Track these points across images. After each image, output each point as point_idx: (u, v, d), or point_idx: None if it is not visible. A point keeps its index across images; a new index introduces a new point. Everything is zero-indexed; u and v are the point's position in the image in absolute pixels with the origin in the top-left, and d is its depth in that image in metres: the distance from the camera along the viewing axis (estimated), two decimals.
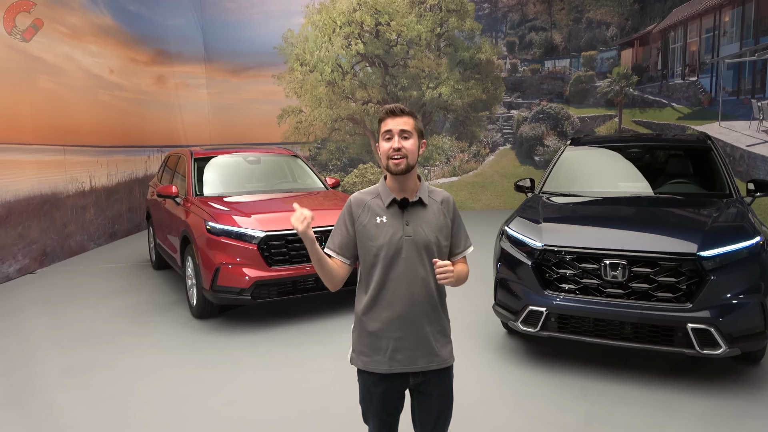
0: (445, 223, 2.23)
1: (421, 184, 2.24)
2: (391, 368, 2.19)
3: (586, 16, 13.02)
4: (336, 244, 2.26)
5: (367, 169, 13.53)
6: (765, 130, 8.78)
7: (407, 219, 2.18)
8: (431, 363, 2.20)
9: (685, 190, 5.04)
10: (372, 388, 2.25)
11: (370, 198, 2.25)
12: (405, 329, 2.18)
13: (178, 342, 4.97)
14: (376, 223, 2.19)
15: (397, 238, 2.16)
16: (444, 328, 2.26)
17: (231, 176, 6.56)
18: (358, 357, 2.27)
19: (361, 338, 2.26)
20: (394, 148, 2.13)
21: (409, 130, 2.15)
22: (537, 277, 4.14)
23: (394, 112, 2.16)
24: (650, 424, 3.40)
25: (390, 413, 2.30)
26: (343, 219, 2.26)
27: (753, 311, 3.71)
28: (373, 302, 2.21)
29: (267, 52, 13.13)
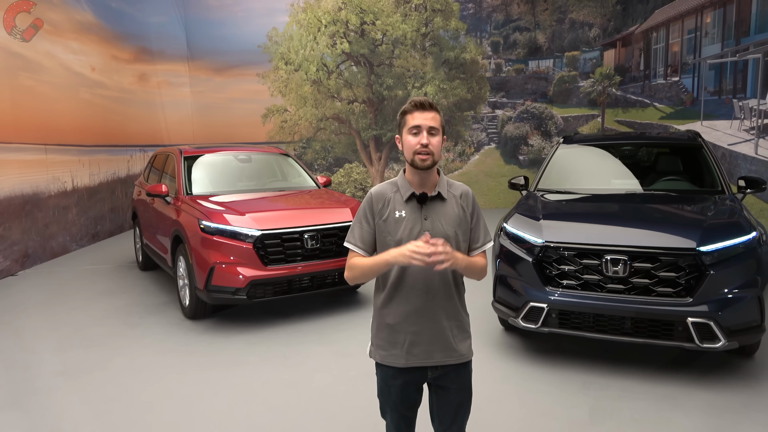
0: (464, 217, 2.21)
1: (440, 178, 2.23)
2: (407, 362, 2.18)
3: (569, 17, 13.16)
4: (357, 238, 2.23)
5: (352, 169, 13.49)
6: (746, 129, 8.98)
7: (426, 213, 2.16)
8: (448, 357, 2.19)
9: (677, 187, 5.12)
10: (390, 381, 2.23)
11: (390, 192, 2.23)
12: (422, 323, 2.16)
13: (173, 343, 4.88)
14: (395, 217, 2.17)
15: (415, 232, 2.14)
16: (462, 323, 2.24)
17: (222, 175, 6.47)
18: (376, 350, 2.26)
19: (379, 332, 2.25)
20: (422, 144, 2.11)
21: (437, 126, 2.13)
22: (538, 273, 4.16)
23: (423, 106, 2.13)
24: (657, 417, 3.44)
25: (408, 407, 2.28)
26: (363, 212, 2.24)
27: (750, 305, 3.78)
28: (390, 296, 2.20)
29: (251, 50, 13.01)
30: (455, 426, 2.28)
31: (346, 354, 4.60)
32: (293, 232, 5.23)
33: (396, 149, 13.44)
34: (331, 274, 5.45)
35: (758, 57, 8.70)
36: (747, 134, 8.94)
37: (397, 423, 2.30)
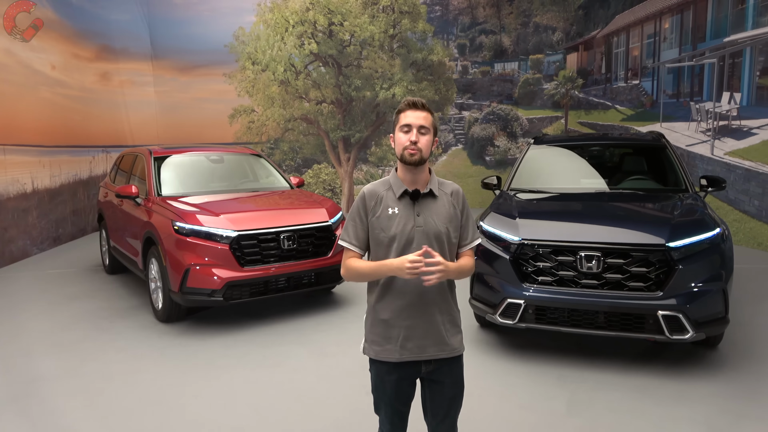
0: (455, 215, 2.27)
1: (431, 176, 2.28)
2: (401, 356, 2.22)
3: (533, 21, 13.44)
4: (351, 236, 2.27)
5: (321, 170, 13.45)
6: (703, 130, 9.35)
7: (418, 210, 2.22)
8: (441, 351, 2.24)
9: (644, 186, 5.31)
10: (385, 376, 2.27)
11: (383, 189, 2.28)
12: (415, 318, 2.21)
13: (147, 347, 4.79)
14: (389, 214, 2.22)
15: (408, 228, 2.19)
16: (454, 318, 2.30)
17: (193, 176, 6.37)
18: (370, 346, 2.29)
19: (373, 327, 2.28)
20: (411, 140, 2.17)
21: (428, 126, 2.20)
22: (515, 270, 4.26)
23: (415, 105, 2.21)
24: (631, 407, 3.57)
25: (402, 401, 2.32)
26: (357, 211, 2.28)
27: (716, 298, 3.96)
28: (384, 291, 2.24)
29: (217, 50, 12.82)
30: (448, 420, 2.32)
31: (326, 354, 4.60)
32: (270, 232, 5.20)
33: (364, 150, 13.48)
34: (308, 275, 5.45)
35: (713, 62, 9.08)
36: (704, 135, 9.32)
37: (392, 418, 2.34)
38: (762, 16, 8.15)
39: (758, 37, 8.22)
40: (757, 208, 8.33)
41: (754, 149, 8.33)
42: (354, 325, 5.27)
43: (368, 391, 3.82)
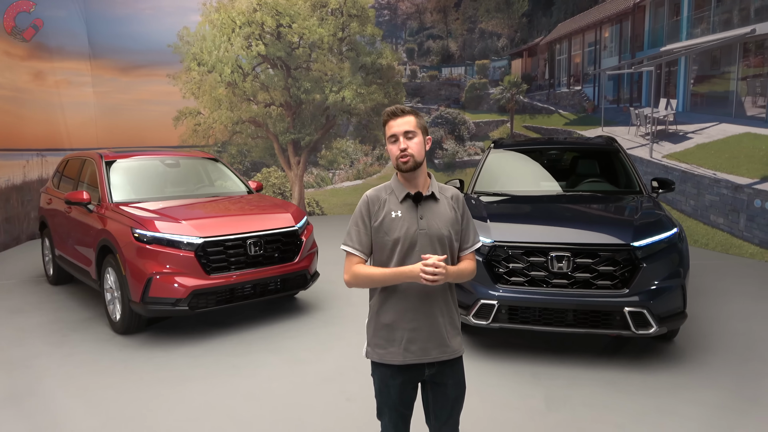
0: (456, 218, 2.30)
1: (431, 180, 2.31)
2: (405, 359, 2.23)
3: (479, 27, 13.77)
4: (355, 241, 2.27)
5: (270, 173, 13.24)
6: (642, 135, 9.88)
7: (421, 213, 2.24)
8: (443, 354, 2.26)
9: (601, 188, 5.55)
10: (389, 380, 2.28)
11: (385, 194, 2.29)
12: (419, 320, 2.23)
13: (108, 361, 4.56)
14: (392, 217, 2.23)
15: (412, 231, 2.21)
16: (454, 320, 2.33)
17: (148, 181, 6.12)
18: (373, 350, 2.30)
19: (377, 332, 2.29)
20: (401, 149, 2.19)
21: (413, 129, 2.22)
22: (488, 271, 4.35)
23: (395, 114, 2.23)
24: (605, 401, 3.72)
25: (406, 404, 2.33)
26: (360, 215, 2.28)
27: (676, 294, 4.20)
28: (388, 295, 2.25)
29: (160, 50, 12.37)
30: (451, 420, 2.35)
31: (299, 361, 4.54)
32: (236, 238, 5.08)
33: (315, 153, 13.38)
34: (274, 281, 5.35)
35: (651, 70, 9.62)
36: (642, 139, 9.84)
37: (396, 422, 2.34)
38: (695, 27, 8.71)
39: (692, 48, 8.77)
40: (693, 207, 8.88)
41: (689, 152, 8.87)
42: (324, 331, 5.22)
43: (347, 398, 3.83)
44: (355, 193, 13.47)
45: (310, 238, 5.78)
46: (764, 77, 7.68)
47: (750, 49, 7.91)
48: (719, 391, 3.85)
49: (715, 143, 8.47)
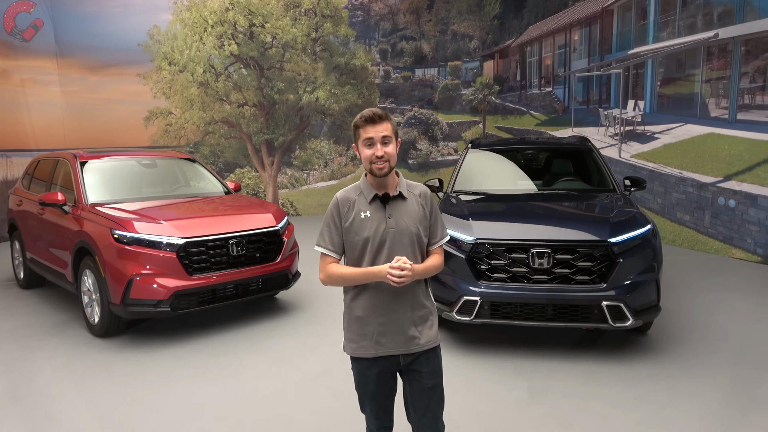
0: (424, 215, 2.37)
1: (399, 179, 2.38)
2: (377, 352, 2.31)
3: (451, 29, 13.94)
4: (327, 242, 2.35)
5: (244, 174, 13.14)
6: (611, 135, 10.16)
7: (389, 212, 2.31)
8: (414, 346, 2.33)
9: (576, 186, 5.72)
10: (366, 372, 2.36)
11: (354, 195, 2.36)
12: (389, 315, 2.31)
13: (89, 364, 4.49)
14: (361, 218, 2.31)
15: (381, 230, 2.29)
16: (426, 312, 2.38)
17: (124, 181, 6.03)
18: (348, 344, 2.38)
19: (350, 326, 2.37)
20: (377, 155, 2.25)
21: (389, 134, 2.28)
22: (470, 268, 4.44)
23: (373, 120, 2.27)
24: (585, 392, 3.85)
25: (385, 395, 2.41)
26: (331, 217, 2.36)
27: (650, 287, 4.36)
28: (359, 291, 2.34)
29: (130, 48, 12.15)
30: (429, 412, 2.38)
31: (284, 359, 4.55)
32: (219, 239, 5.06)
33: (288, 154, 13.33)
34: (255, 281, 5.35)
35: (619, 72, 9.90)
36: (611, 140, 10.12)
37: (377, 413, 2.42)
38: (661, 31, 9.01)
39: (658, 51, 9.07)
40: (660, 205, 9.18)
41: (656, 152, 9.17)
42: (306, 330, 5.24)
43: (336, 395, 3.87)
44: (329, 193, 13.47)
45: (291, 237, 5.79)
46: (727, 80, 8.00)
47: (713, 52, 8.23)
48: (693, 380, 4.02)
49: (681, 143, 8.77)
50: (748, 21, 7.57)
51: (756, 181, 7.56)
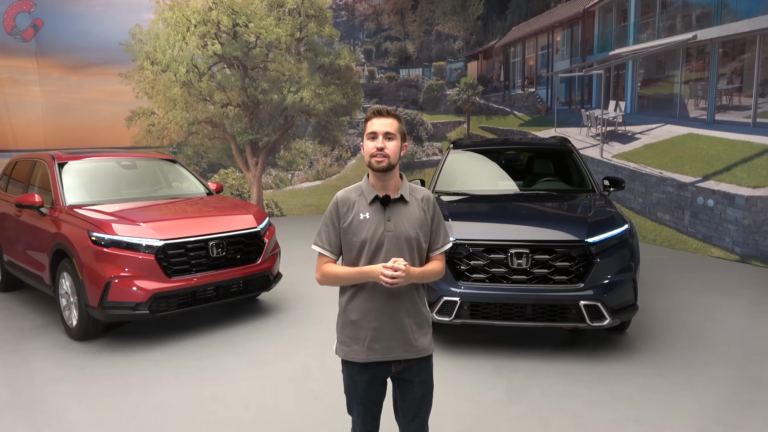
0: (426, 220, 2.34)
1: (402, 182, 2.35)
2: (368, 357, 2.29)
3: (435, 29, 13.98)
4: (324, 241, 2.32)
5: (228, 174, 13.06)
6: (593, 135, 10.25)
7: (389, 215, 2.28)
8: (407, 353, 2.31)
9: (556, 187, 5.76)
10: (356, 377, 2.33)
11: (355, 195, 2.33)
12: (383, 320, 2.28)
13: (66, 368, 4.44)
14: (360, 219, 2.27)
15: (379, 233, 2.26)
16: (422, 320, 2.37)
17: (104, 183, 5.97)
18: (340, 347, 2.36)
19: (343, 329, 2.34)
20: (378, 147, 2.23)
21: (393, 132, 2.26)
22: (450, 269, 4.45)
23: (380, 113, 2.27)
24: (563, 391, 3.88)
25: (374, 401, 2.38)
26: (330, 216, 2.33)
27: (627, 287, 4.41)
28: (354, 293, 2.30)
29: (112, 48, 12.02)
30: (418, 419, 2.40)
31: (264, 362, 4.53)
32: (198, 240, 5.02)
33: (273, 154, 13.28)
34: (236, 283, 5.32)
35: (601, 73, 9.99)
36: (593, 140, 10.21)
37: (364, 417, 2.39)
38: (641, 33, 9.11)
39: (638, 52, 9.17)
40: (641, 205, 9.28)
41: (637, 152, 9.27)
42: (288, 332, 5.23)
43: (315, 397, 3.87)
44: (314, 194, 13.45)
45: (272, 239, 5.77)
46: (705, 81, 8.10)
47: (692, 54, 8.33)
48: (669, 378, 4.07)
49: (661, 143, 8.88)
50: (726, 23, 7.68)
51: (733, 181, 7.67)
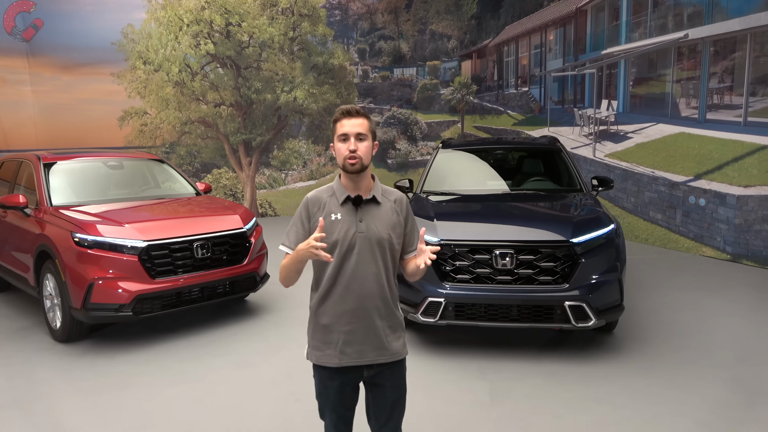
0: (398, 222, 2.31)
1: (375, 183, 2.32)
2: (341, 362, 2.24)
3: (429, 28, 13.94)
4: (292, 241, 2.28)
5: (221, 174, 13.02)
6: (585, 134, 10.22)
7: (361, 216, 2.24)
8: (380, 356, 2.27)
9: (544, 186, 5.73)
10: (328, 382, 2.29)
11: (326, 196, 2.29)
12: (355, 323, 2.23)
13: (47, 370, 4.40)
14: (331, 219, 2.23)
15: (350, 234, 2.21)
16: (395, 323, 2.32)
17: (90, 183, 5.93)
18: (312, 352, 2.31)
19: (315, 333, 2.30)
20: (350, 150, 2.19)
21: (365, 132, 2.22)
22: (434, 270, 4.42)
23: (350, 113, 2.23)
24: (546, 393, 3.85)
25: (346, 406, 2.34)
26: (299, 216, 2.29)
27: (613, 287, 4.38)
28: (325, 296, 2.26)
29: (104, 47, 11.98)
30: (391, 423, 2.36)
31: (247, 364, 4.50)
32: (182, 241, 4.99)
33: (266, 154, 13.24)
34: (222, 284, 5.29)
35: (593, 72, 9.96)
36: (586, 139, 10.18)
37: (336, 423, 2.35)
38: (633, 32, 9.08)
39: (630, 51, 9.14)
40: (634, 204, 9.25)
41: (629, 152, 9.24)
42: (273, 333, 5.19)
43: (296, 399, 3.83)
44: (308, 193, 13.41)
45: (259, 239, 5.73)
46: (696, 80, 8.08)
47: (683, 53, 8.30)
48: (652, 379, 4.04)
49: (653, 142, 8.85)
50: (717, 22, 7.66)
51: (725, 180, 7.64)
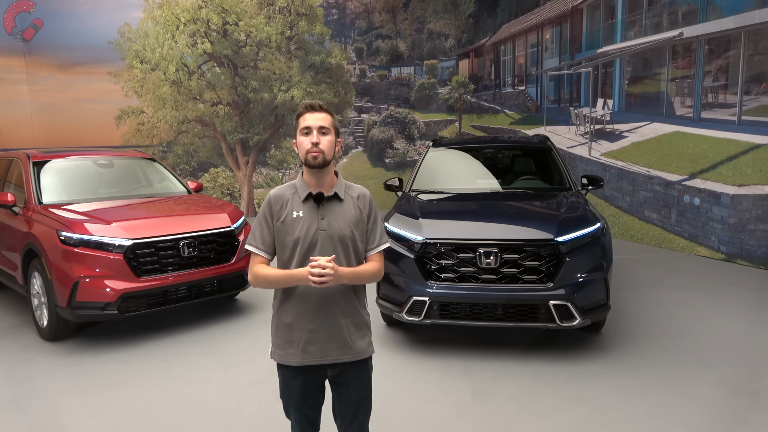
0: (361, 218, 2.28)
1: (338, 179, 2.30)
2: (303, 360, 2.22)
3: (427, 27, 13.91)
4: (258, 241, 2.26)
5: (219, 173, 13.02)
6: (581, 134, 10.18)
7: (323, 213, 2.23)
8: (344, 355, 2.25)
9: (533, 185, 5.70)
10: (291, 381, 2.28)
11: (289, 193, 2.27)
12: (318, 321, 2.22)
13: (33, 369, 4.40)
14: (293, 217, 2.22)
15: (312, 231, 2.20)
16: (359, 321, 2.30)
17: (79, 182, 5.93)
18: (275, 350, 2.29)
19: (278, 331, 2.28)
20: (313, 142, 2.19)
21: (327, 126, 2.22)
22: (419, 268, 4.40)
23: (313, 108, 2.23)
24: (530, 392, 3.83)
25: (310, 405, 2.33)
26: (263, 215, 2.27)
27: (599, 286, 4.35)
28: (287, 294, 2.24)
29: (100, 46, 11.98)
30: (356, 422, 2.34)
31: (233, 363, 4.49)
32: (168, 240, 4.98)
33: (264, 153, 13.24)
34: (210, 282, 5.28)
35: (589, 71, 9.92)
36: (582, 138, 10.15)
37: (300, 422, 2.34)
38: (628, 30, 9.04)
39: (626, 50, 9.10)
40: (629, 203, 9.21)
41: (625, 151, 9.20)
42: (261, 332, 5.18)
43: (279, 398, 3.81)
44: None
45: None
46: (691, 78, 8.03)
47: (678, 51, 8.26)
48: (639, 379, 4.01)
49: (648, 141, 8.81)
50: (711, 20, 7.61)
51: (719, 180, 7.60)
